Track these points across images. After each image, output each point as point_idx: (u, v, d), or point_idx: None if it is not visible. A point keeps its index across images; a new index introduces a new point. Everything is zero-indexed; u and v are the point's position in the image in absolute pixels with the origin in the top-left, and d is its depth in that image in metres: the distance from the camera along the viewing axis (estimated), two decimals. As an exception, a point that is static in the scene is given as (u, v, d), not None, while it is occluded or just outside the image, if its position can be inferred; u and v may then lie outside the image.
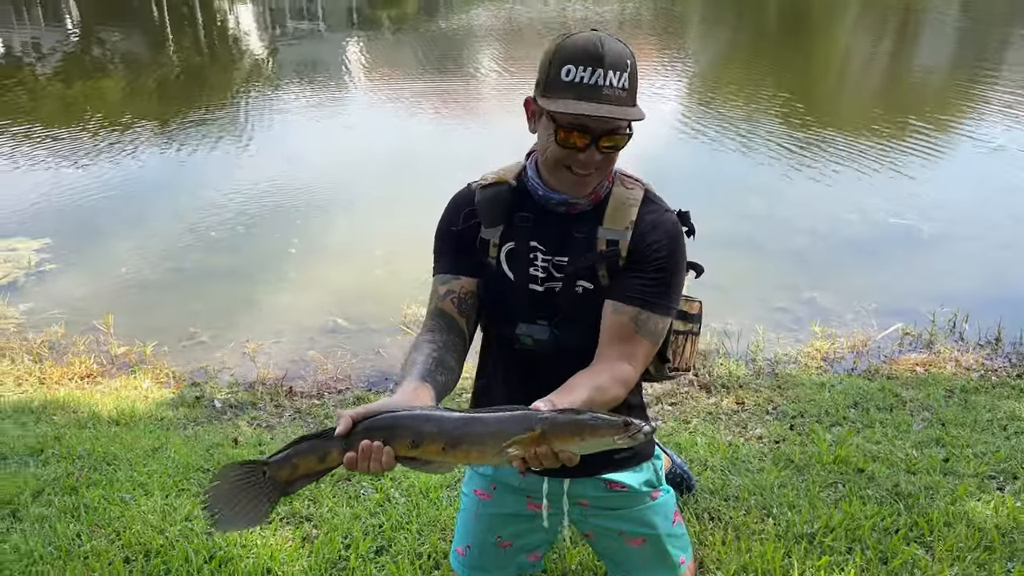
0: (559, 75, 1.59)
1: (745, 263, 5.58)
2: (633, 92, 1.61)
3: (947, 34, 15.65)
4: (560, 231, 1.77)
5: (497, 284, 1.82)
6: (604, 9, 19.52)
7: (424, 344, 1.75)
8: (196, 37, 19.20)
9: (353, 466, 1.46)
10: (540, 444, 1.42)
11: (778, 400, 3.63)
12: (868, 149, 7.86)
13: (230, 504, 1.50)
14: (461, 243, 1.83)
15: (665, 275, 1.76)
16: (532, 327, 1.80)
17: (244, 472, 1.50)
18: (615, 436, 1.43)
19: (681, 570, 2.03)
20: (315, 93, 11.54)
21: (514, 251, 1.80)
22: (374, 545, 2.40)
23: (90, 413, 3.58)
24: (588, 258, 1.76)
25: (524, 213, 1.79)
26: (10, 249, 5.76)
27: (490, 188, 1.82)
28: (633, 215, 1.75)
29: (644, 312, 1.73)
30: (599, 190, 1.75)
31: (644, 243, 1.74)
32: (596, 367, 1.71)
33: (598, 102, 1.57)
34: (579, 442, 1.42)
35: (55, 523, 2.53)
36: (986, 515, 2.49)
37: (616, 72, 1.58)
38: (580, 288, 1.78)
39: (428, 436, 1.44)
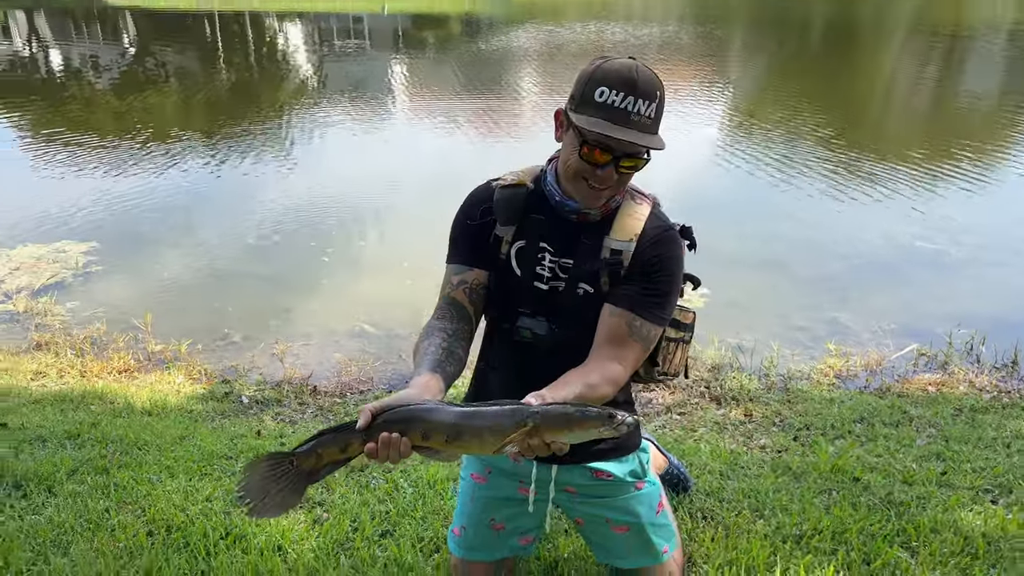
0: (593, 95, 1.73)
1: (770, 283, 5.66)
2: (658, 121, 1.75)
3: (994, 62, 15.51)
4: (569, 235, 1.91)
5: (505, 278, 1.96)
6: (642, 32, 19.68)
7: (435, 333, 1.88)
8: (246, 54, 19.74)
9: (374, 455, 1.61)
10: (532, 436, 1.55)
11: (786, 413, 3.70)
12: (906, 174, 7.88)
13: (262, 494, 1.64)
14: (476, 237, 1.96)
15: (662, 287, 1.88)
16: (533, 321, 1.93)
17: (273, 463, 1.65)
18: (601, 427, 1.56)
19: (664, 559, 2.13)
20: (358, 110, 11.85)
21: (524, 249, 1.94)
22: (379, 529, 2.53)
23: (125, 404, 3.78)
24: (593, 264, 1.89)
25: (538, 215, 1.92)
26: (60, 251, 6.05)
27: (509, 189, 1.96)
28: (639, 228, 1.88)
29: (639, 319, 1.86)
30: (610, 203, 1.89)
31: (646, 256, 1.87)
32: (588, 365, 1.84)
33: (625, 126, 1.71)
34: (568, 433, 1.56)
35: (86, 499, 2.70)
36: (975, 524, 2.54)
37: (646, 101, 1.71)
38: (581, 290, 1.91)
39: (434, 429, 1.57)
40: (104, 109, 12.45)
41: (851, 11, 24.85)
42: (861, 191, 7.44)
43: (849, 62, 15.46)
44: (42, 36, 23.66)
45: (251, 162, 8.78)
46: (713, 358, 4.39)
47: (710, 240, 6.53)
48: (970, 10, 23.77)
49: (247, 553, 2.37)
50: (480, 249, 1.96)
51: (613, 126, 1.71)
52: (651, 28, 20.79)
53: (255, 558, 2.34)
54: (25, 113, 11.73)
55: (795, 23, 23.00)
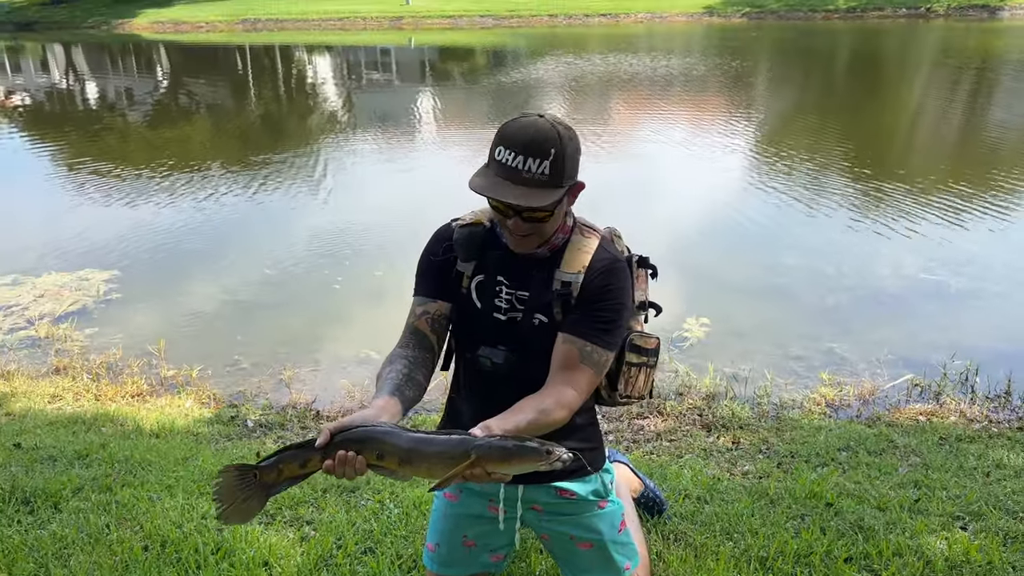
0: (494, 153, 1.88)
1: (772, 312, 5.75)
2: (557, 176, 1.83)
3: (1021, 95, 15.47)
4: (523, 269, 2.05)
5: (466, 311, 2.11)
6: (664, 64, 19.88)
7: (398, 359, 2.03)
8: (276, 86, 20.21)
9: (331, 471, 1.76)
10: (475, 467, 1.68)
11: (773, 441, 3.78)
12: (922, 207, 7.89)
13: (229, 500, 1.79)
14: (439, 271, 2.12)
15: (609, 315, 2.01)
16: (492, 351, 2.07)
17: (239, 474, 1.79)
18: (538, 462, 1.69)
19: (626, 575, 2.23)
20: (384, 140, 12.13)
21: (483, 283, 2.09)
22: (362, 546, 2.65)
23: (134, 426, 3.95)
24: (546, 296, 2.03)
25: (495, 251, 2.07)
26: (83, 279, 6.29)
27: (467, 228, 2.11)
28: (586, 261, 2.02)
29: (589, 344, 1.99)
30: (554, 241, 2.02)
31: (593, 286, 2.00)
32: (543, 392, 1.96)
33: (515, 183, 1.83)
34: (507, 466, 1.69)
35: (88, 515, 2.85)
36: (939, 549, 2.61)
37: (536, 159, 1.81)
38: (537, 320, 2.04)
39: (388, 452, 1.71)
40: (136, 140, 12.85)
41: (876, 44, 24.91)
42: (877, 223, 7.48)
43: (873, 94, 15.50)
44: (79, 69, 24.43)
45: (277, 193, 9.04)
46: (708, 387, 4.47)
47: (717, 269, 6.63)
48: (997, 40, 23.73)
49: (234, 567, 2.50)
50: (442, 283, 2.10)
51: (502, 183, 1.84)
52: (673, 59, 21.00)
53: (241, 572, 2.47)
54: (60, 144, 12.15)
55: (821, 55, 23.09)
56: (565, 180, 1.86)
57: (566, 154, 1.84)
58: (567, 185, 1.88)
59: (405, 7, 34.21)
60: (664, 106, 14.63)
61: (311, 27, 33.64)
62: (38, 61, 27.01)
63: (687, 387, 4.48)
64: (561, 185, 1.86)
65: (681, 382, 4.54)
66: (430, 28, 32.35)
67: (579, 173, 1.95)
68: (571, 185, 1.91)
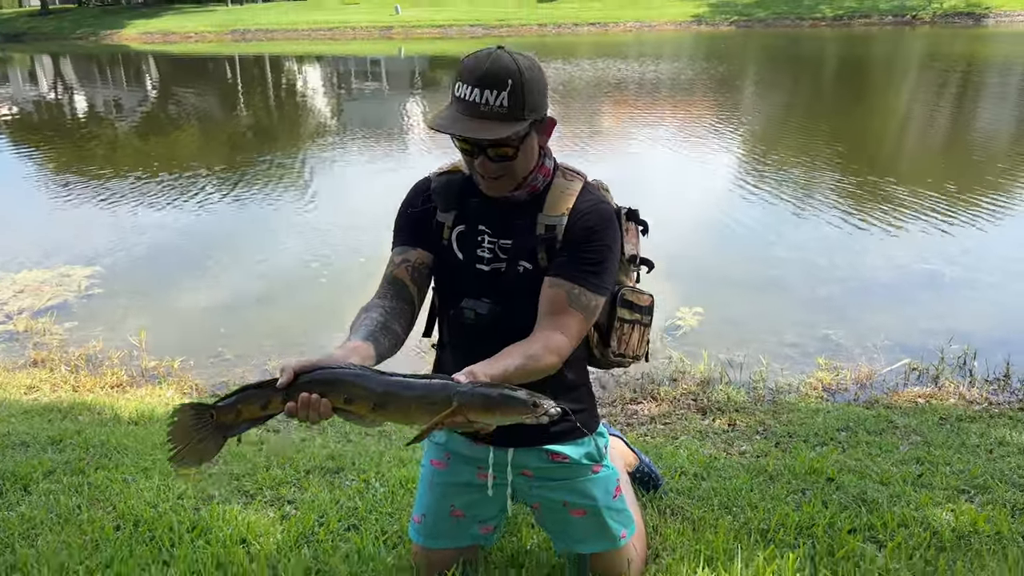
0: (453, 89, 1.79)
1: (766, 302, 5.68)
2: (516, 107, 1.75)
3: (1006, 96, 15.50)
4: (505, 217, 1.96)
5: (448, 263, 2.01)
6: (653, 68, 19.88)
7: (374, 308, 1.92)
8: (265, 96, 20.11)
9: (293, 414, 1.64)
10: (456, 415, 1.58)
11: (770, 423, 3.68)
12: (913, 203, 7.82)
13: (183, 440, 1.68)
14: (418, 222, 2.03)
15: (596, 255, 1.92)
16: (476, 303, 1.97)
17: (195, 414, 1.69)
18: (524, 414, 1.58)
19: (621, 543, 2.13)
20: (372, 146, 12.02)
21: (464, 233, 1.99)
22: (346, 523, 2.53)
23: (112, 414, 3.82)
24: (529, 241, 1.93)
25: (475, 200, 1.97)
26: (64, 275, 6.17)
27: (444, 176, 2.02)
28: (570, 203, 1.93)
29: (576, 287, 1.89)
30: (534, 183, 1.93)
31: (578, 227, 1.91)
32: (531, 337, 1.87)
33: (473, 117, 1.75)
34: (490, 416, 1.58)
35: (59, 496, 2.73)
36: (945, 520, 2.51)
37: (494, 91, 1.73)
38: (521, 268, 1.95)
39: (359, 395, 1.59)
40: (124, 148, 12.71)
41: (863, 49, 25.01)
42: (868, 218, 7.42)
43: (861, 98, 15.51)
44: (67, 80, 24.29)
45: (264, 194, 8.92)
46: (702, 372, 4.38)
47: (709, 262, 6.55)
48: (982, 46, 23.84)
49: (210, 544, 2.38)
50: (422, 233, 2.01)
51: (461, 118, 1.76)
52: (663, 64, 21.02)
53: (217, 549, 2.35)
54: (47, 152, 12.00)
55: (809, 61, 23.16)
56: (526, 112, 1.77)
57: (525, 85, 1.76)
58: (530, 118, 1.79)
59: (395, 17, 34.23)
60: (653, 108, 14.59)
61: (301, 37, 33.63)
62: (26, 72, 26.84)
63: (681, 373, 4.39)
64: (522, 118, 1.77)
65: (675, 368, 4.44)
66: (420, 38, 32.37)
67: (547, 108, 1.86)
68: (536, 120, 1.82)
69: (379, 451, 3.23)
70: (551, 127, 1.90)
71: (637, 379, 4.33)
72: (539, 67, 1.82)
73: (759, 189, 8.58)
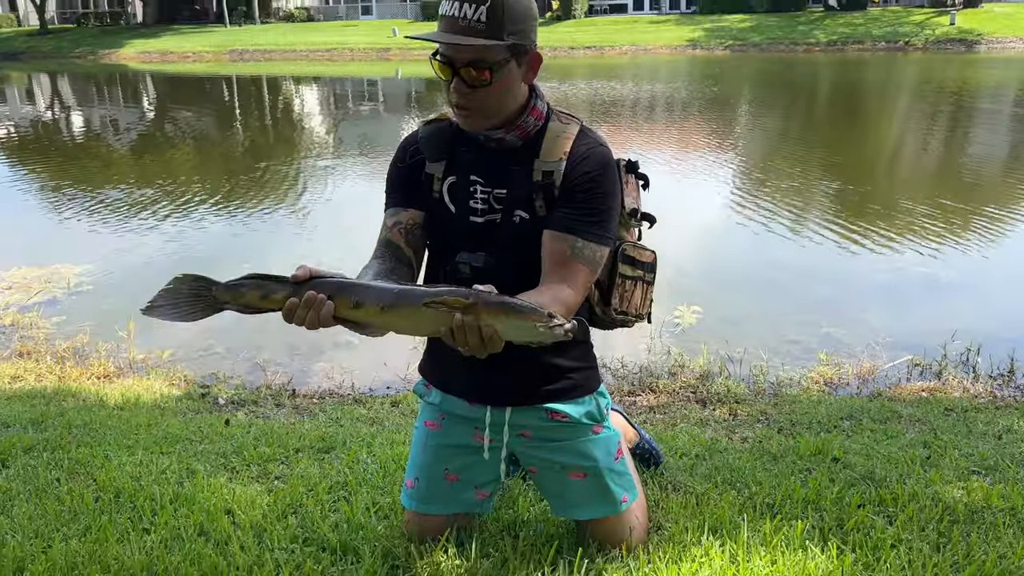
0: (438, 11, 1.75)
1: (765, 301, 5.62)
2: (495, 25, 1.69)
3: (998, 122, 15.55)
4: (499, 165, 1.88)
5: (440, 217, 1.93)
6: (648, 89, 19.96)
7: (374, 264, 1.87)
8: (262, 116, 20.07)
9: (292, 312, 1.57)
10: (468, 312, 1.50)
11: (771, 413, 3.59)
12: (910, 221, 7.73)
13: (170, 301, 1.63)
14: (408, 179, 1.96)
15: (598, 204, 1.85)
16: (471, 256, 1.89)
17: (195, 284, 1.63)
18: (537, 323, 1.50)
19: (622, 508, 2.04)
20: (368, 166, 11.96)
21: (455, 184, 1.91)
22: (335, 495, 2.44)
23: (97, 400, 3.73)
24: (526, 189, 1.86)
25: (465, 149, 1.90)
26: (53, 272, 6.08)
27: (432, 124, 1.95)
28: (567, 147, 1.85)
29: (580, 239, 1.82)
30: (525, 126, 1.85)
31: (577, 173, 1.84)
32: (538, 290, 1.79)
33: (452, 32, 1.70)
34: (504, 319, 1.50)
35: (38, 470, 2.63)
36: (956, 495, 2.42)
37: (473, 5, 1.68)
38: (517, 218, 1.87)
39: (370, 298, 1.54)
40: (120, 165, 12.58)
41: (857, 76, 25.16)
42: (865, 231, 7.35)
43: (856, 122, 15.56)
44: (64, 99, 24.28)
45: (259, 205, 8.83)
46: (702, 366, 4.30)
47: (707, 264, 6.48)
48: (973, 72, 24.01)
49: (193, 513, 2.28)
50: (413, 190, 1.95)
51: (440, 34, 1.71)
52: (658, 86, 21.12)
53: (201, 517, 2.25)
54: (44, 168, 11.89)
55: (803, 86, 23.27)
56: (506, 33, 1.71)
57: (507, 3, 1.70)
58: (509, 40, 1.72)
59: (392, 39, 34.41)
60: (647, 126, 14.61)
61: (299, 58, 33.77)
62: (23, 90, 26.85)
63: (680, 367, 4.30)
64: (501, 38, 1.71)
65: (674, 362, 4.36)
66: (417, 59, 32.46)
67: (533, 41, 1.80)
68: (518, 46, 1.75)
69: (371, 433, 3.13)
70: (537, 62, 1.83)
71: (635, 372, 4.25)
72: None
73: (756, 199, 8.55)
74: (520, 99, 1.84)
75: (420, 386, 2.16)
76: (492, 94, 1.76)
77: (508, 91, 1.79)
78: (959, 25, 31.94)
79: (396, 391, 4.13)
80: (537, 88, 1.89)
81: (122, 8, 48.38)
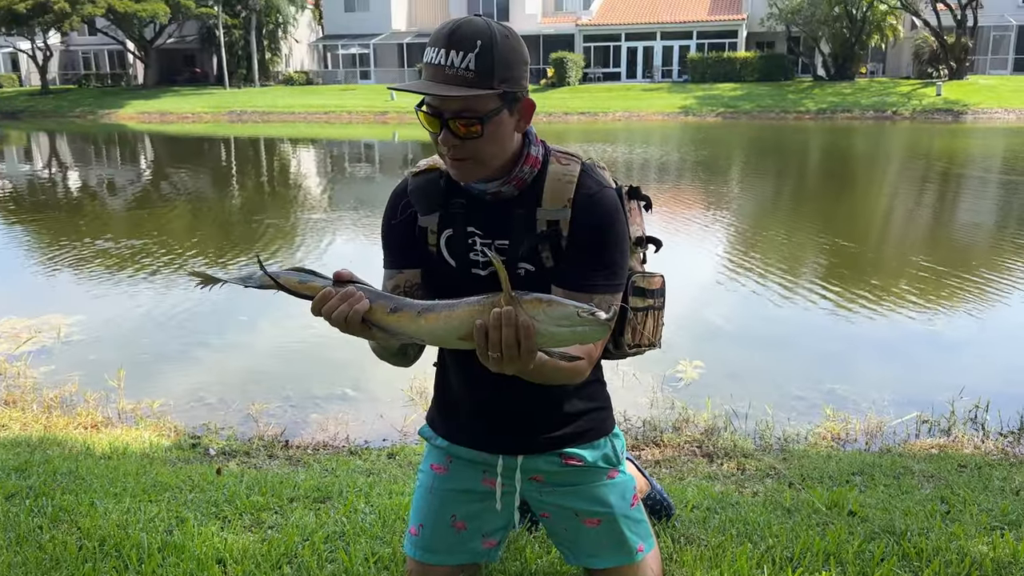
0: (423, 58, 1.65)
1: (768, 357, 5.55)
2: (485, 73, 1.58)
3: (988, 192, 15.72)
4: (497, 214, 1.79)
5: (440, 272, 1.85)
6: (640, 152, 20.16)
7: None
8: (259, 177, 20.15)
9: (325, 301, 1.51)
10: (510, 303, 1.42)
11: (780, 467, 3.49)
12: (905, 286, 7.72)
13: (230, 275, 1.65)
14: (402, 236, 1.87)
15: (610, 254, 1.77)
16: None
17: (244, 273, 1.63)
18: (578, 311, 1.42)
19: (638, 557, 1.93)
20: (362, 225, 11.96)
21: (452, 238, 1.83)
22: (331, 545, 2.32)
23: (84, 448, 3.60)
24: (531, 241, 1.77)
25: (459, 199, 1.81)
26: (45, 323, 5.97)
27: (421, 176, 1.85)
28: (571, 192, 1.76)
29: (595, 296, 1.74)
30: (520, 176, 1.76)
31: (584, 222, 1.76)
32: None
33: (437, 81, 1.59)
34: (545, 308, 1.43)
35: (20, 516, 2.51)
36: (982, 550, 2.32)
37: (460, 52, 1.57)
38: (523, 271, 1.79)
39: (406, 305, 1.51)
40: (115, 222, 12.53)
41: (846, 142, 25.54)
42: (862, 293, 7.34)
43: (846, 187, 15.71)
44: (62, 158, 24.39)
45: (254, 262, 8.77)
46: (706, 420, 4.20)
47: (707, 320, 6.42)
48: (957, 141, 24.42)
49: (183, 562, 2.16)
50: (409, 248, 1.86)
51: (423, 82, 1.61)
52: (650, 149, 21.38)
53: (190, 566, 2.13)
54: (39, 226, 11.83)
55: (794, 152, 23.57)
56: (496, 81, 1.59)
57: (497, 50, 1.58)
58: (500, 88, 1.61)
59: (390, 102, 34.91)
60: (643, 183, 14.69)
61: (297, 119, 34.15)
62: (22, 149, 26.99)
63: (684, 421, 4.20)
64: (491, 86, 1.59)
65: (678, 416, 4.26)
66: (413, 123, 32.74)
67: (524, 87, 1.67)
68: (509, 94, 1.63)
69: (368, 483, 3.01)
70: (530, 109, 1.71)
71: (638, 426, 4.15)
72: (518, 38, 1.66)
73: (752, 261, 8.55)
74: (513, 148, 1.73)
75: (427, 429, 2.07)
76: (483, 145, 1.65)
77: (500, 141, 1.68)
78: (945, 96, 32.60)
79: (393, 443, 4.01)
80: (531, 133, 1.78)
81: (123, 70, 49.14)
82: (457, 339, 1.46)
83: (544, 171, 1.78)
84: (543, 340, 1.43)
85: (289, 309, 6.37)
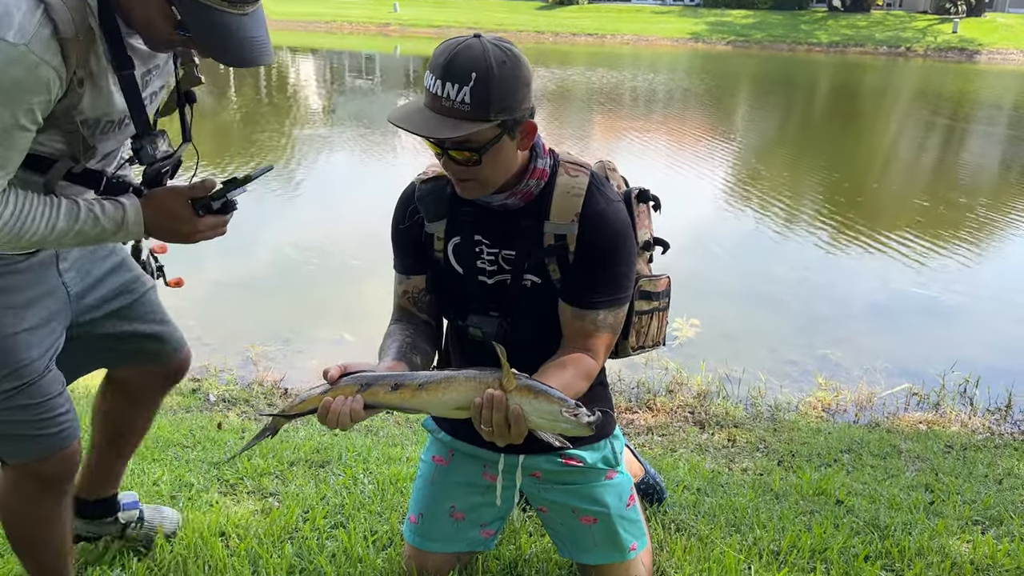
0: (425, 81, 1.61)
1: (763, 318, 5.60)
2: (480, 105, 1.54)
3: (997, 131, 15.58)
4: (505, 225, 1.78)
5: (447, 277, 1.86)
6: (646, 79, 19.85)
7: (396, 331, 1.84)
8: (257, 87, 19.80)
9: (326, 411, 1.55)
10: (501, 388, 1.49)
11: (771, 440, 3.56)
12: (905, 230, 7.75)
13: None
14: (410, 241, 1.87)
15: (616, 269, 1.77)
16: (482, 319, 1.83)
17: None
18: (562, 409, 1.50)
19: (631, 556, 2.00)
20: (363, 141, 11.85)
21: (460, 245, 1.82)
22: (332, 520, 2.38)
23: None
24: (537, 254, 1.77)
25: (466, 207, 1.79)
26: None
27: (430, 182, 1.83)
28: (578, 206, 1.75)
29: (601, 311, 1.76)
30: (526, 190, 1.74)
31: (591, 238, 1.75)
32: (561, 362, 1.74)
33: (435, 113, 1.56)
34: (532, 400, 1.50)
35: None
36: (962, 551, 2.40)
37: (456, 84, 1.53)
38: (528, 282, 1.80)
39: (406, 380, 1.57)
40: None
41: (855, 78, 25.15)
42: (860, 242, 7.36)
43: (853, 124, 15.55)
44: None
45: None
46: (700, 385, 4.26)
47: (707, 274, 6.44)
48: (973, 81, 24.05)
49: (185, 536, 2.22)
50: (416, 254, 1.87)
51: (421, 111, 1.58)
52: (656, 76, 21.02)
53: (194, 540, 2.19)
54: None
55: (801, 85, 23.24)
56: (493, 113, 1.55)
57: (493, 81, 1.53)
58: (498, 119, 1.56)
59: (393, 14, 34.07)
60: (645, 121, 14.54)
61: (297, 28, 33.33)
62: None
63: (678, 384, 4.26)
64: (487, 119, 1.55)
65: (672, 379, 4.31)
66: (416, 36, 32.18)
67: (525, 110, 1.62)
68: (508, 121, 1.59)
69: (367, 446, 3.07)
70: (532, 131, 1.66)
71: (633, 388, 4.21)
72: (517, 62, 1.58)
73: (753, 210, 8.52)
74: (517, 166, 1.71)
75: (430, 421, 2.10)
76: (484, 170, 1.64)
77: (502, 165, 1.66)
78: (961, 33, 31.94)
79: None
80: (538, 145, 1.75)
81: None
82: (454, 410, 1.54)
83: (552, 183, 1.76)
84: (529, 421, 1.50)
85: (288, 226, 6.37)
